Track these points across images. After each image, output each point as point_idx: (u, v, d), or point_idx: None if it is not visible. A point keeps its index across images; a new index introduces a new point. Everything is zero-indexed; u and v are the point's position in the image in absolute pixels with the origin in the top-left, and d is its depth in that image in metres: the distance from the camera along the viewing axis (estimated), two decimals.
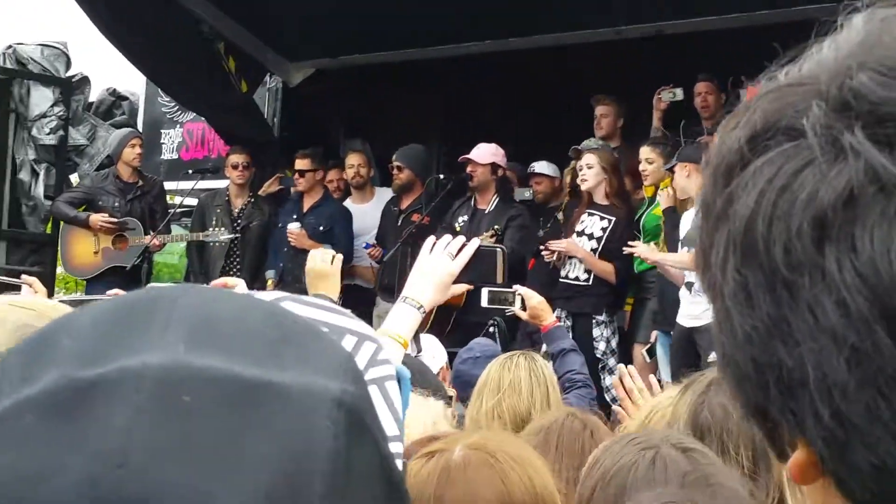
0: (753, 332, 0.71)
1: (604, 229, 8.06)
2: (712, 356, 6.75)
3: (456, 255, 2.91)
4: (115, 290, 4.43)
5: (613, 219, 8.08)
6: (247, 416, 0.68)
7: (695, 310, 7.10)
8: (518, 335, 7.87)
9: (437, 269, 2.88)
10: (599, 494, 1.98)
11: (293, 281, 8.58)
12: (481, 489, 1.87)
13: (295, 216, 9.52)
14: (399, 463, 0.80)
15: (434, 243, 2.94)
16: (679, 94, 9.00)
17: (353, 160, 9.99)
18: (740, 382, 0.75)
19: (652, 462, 1.96)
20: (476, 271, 2.99)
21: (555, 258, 8.12)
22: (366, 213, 9.77)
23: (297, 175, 9.73)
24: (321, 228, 9.39)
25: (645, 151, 8.22)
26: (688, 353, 7.14)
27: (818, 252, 0.67)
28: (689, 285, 7.22)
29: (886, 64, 0.69)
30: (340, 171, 10.25)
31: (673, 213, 7.64)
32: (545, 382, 3.94)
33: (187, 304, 0.74)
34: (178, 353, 0.70)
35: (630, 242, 7.63)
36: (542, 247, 8.20)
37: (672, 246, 7.51)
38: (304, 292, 2.95)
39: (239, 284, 3.32)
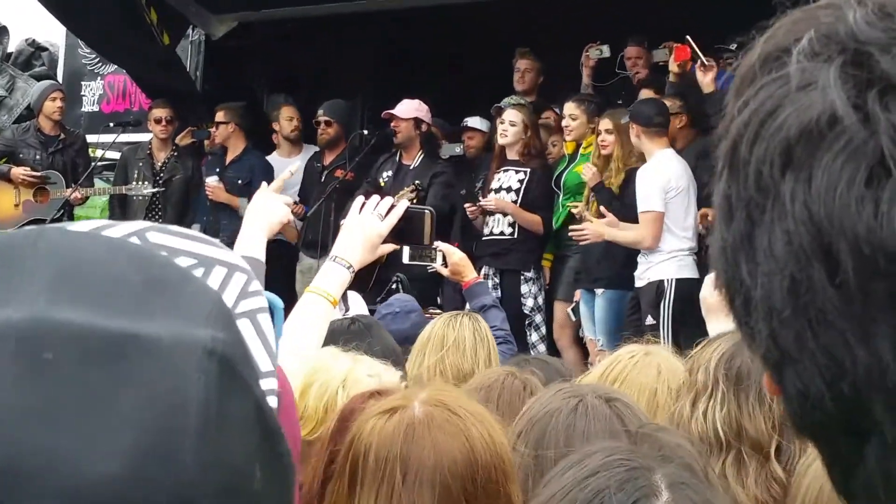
0: (727, 246, 0.73)
1: (521, 181, 8.03)
2: (650, 319, 6.82)
3: (385, 216, 2.93)
4: None
5: (528, 170, 8.05)
6: (113, 371, 0.66)
7: (638, 270, 7.15)
8: (447, 290, 7.88)
9: (366, 229, 2.91)
10: (523, 438, 2.03)
11: (214, 234, 8.47)
12: (447, 447, 1.87)
13: (218, 169, 9.44)
14: (272, 399, 0.78)
15: (363, 203, 2.95)
16: (606, 51, 9.02)
17: (290, 113, 9.92)
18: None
19: (574, 409, 2.02)
20: (404, 232, 3.01)
21: (478, 215, 8.10)
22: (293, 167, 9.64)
23: (214, 128, 9.64)
24: (240, 182, 9.27)
25: (570, 107, 8.15)
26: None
27: (782, 178, 0.68)
28: None
29: (882, 3, 0.68)
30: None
31: (602, 190, 7.39)
32: (487, 343, 3.99)
33: (48, 250, 0.71)
34: (38, 306, 0.67)
35: (579, 226, 7.32)
36: (466, 204, 8.19)
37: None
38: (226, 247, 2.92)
39: None
